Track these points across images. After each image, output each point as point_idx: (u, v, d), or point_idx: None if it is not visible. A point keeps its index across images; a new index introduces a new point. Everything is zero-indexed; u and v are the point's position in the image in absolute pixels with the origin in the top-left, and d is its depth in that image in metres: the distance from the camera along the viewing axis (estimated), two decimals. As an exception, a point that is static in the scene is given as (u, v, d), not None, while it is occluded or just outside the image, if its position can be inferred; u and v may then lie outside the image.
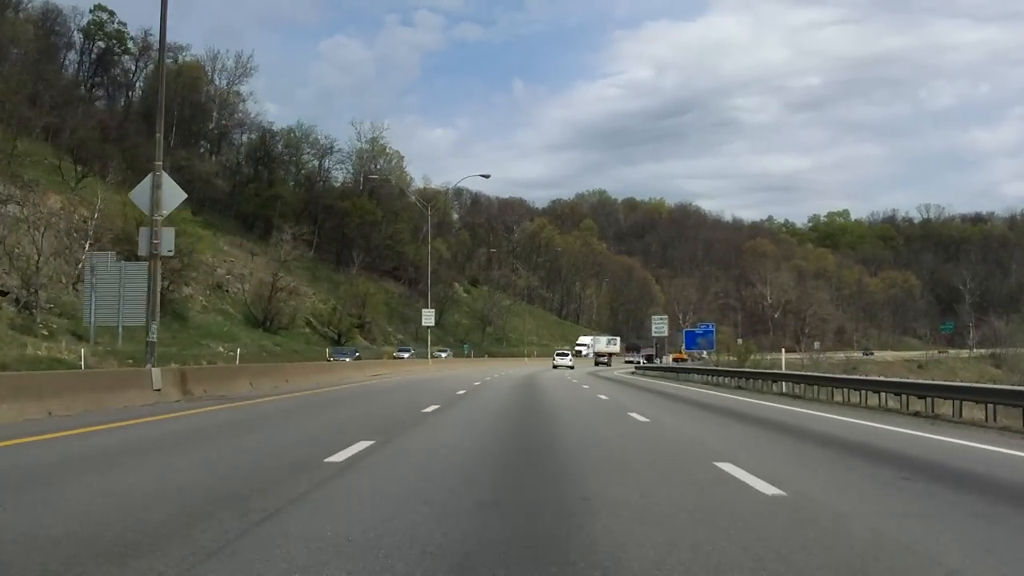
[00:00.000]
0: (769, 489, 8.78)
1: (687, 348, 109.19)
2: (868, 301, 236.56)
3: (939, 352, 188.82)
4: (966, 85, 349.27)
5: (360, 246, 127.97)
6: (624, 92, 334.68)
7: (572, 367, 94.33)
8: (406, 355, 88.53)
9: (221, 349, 66.39)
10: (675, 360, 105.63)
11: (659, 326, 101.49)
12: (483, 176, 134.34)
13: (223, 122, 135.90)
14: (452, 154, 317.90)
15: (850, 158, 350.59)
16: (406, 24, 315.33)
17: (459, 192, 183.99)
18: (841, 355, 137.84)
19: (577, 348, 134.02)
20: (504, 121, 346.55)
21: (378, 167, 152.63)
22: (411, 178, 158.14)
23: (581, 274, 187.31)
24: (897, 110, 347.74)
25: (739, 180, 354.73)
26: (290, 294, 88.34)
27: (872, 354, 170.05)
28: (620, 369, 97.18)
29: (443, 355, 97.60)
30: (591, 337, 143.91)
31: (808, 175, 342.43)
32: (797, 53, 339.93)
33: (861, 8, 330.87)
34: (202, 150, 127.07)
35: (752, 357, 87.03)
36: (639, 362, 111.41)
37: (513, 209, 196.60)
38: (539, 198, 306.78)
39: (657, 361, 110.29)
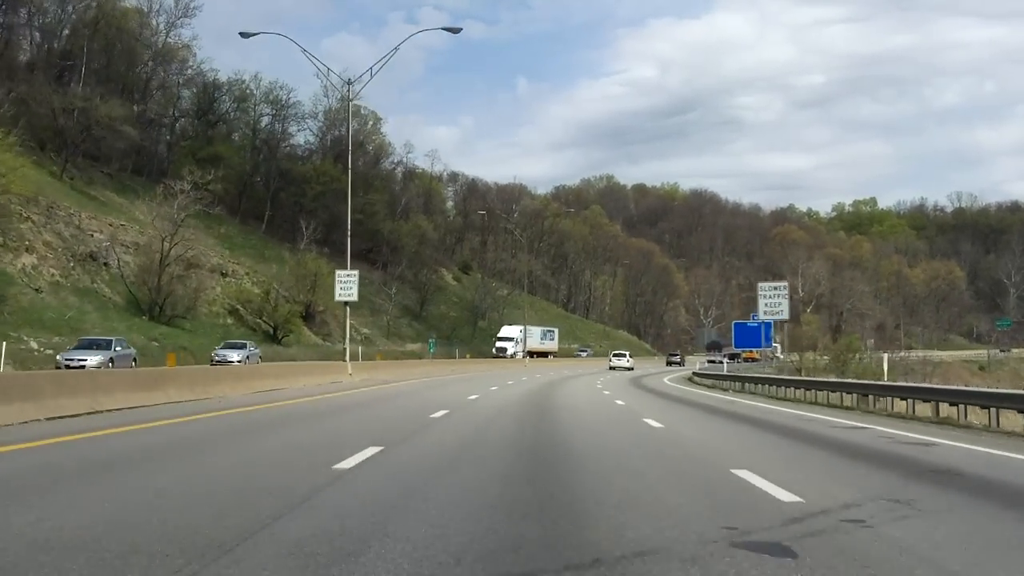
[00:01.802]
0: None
1: (737, 345, 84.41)
2: (908, 294, 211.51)
3: (1001, 351, 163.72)
4: (972, 84, 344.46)
5: (322, 220, 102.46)
6: (628, 90, 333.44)
7: (631, 368, 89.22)
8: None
9: (35, 344, 41.35)
10: (746, 359, 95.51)
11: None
12: (451, 30, 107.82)
13: (158, 69, 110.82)
14: (456, 152, 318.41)
15: (854, 157, 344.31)
16: (410, 22, 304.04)
17: (454, 176, 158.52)
18: (916, 354, 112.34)
19: (499, 345, 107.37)
20: (508, 119, 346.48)
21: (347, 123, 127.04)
22: (391, 145, 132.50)
23: (591, 261, 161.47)
24: (902, 108, 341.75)
25: (743, 179, 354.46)
26: (189, 268, 62.63)
27: (1009, 351, 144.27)
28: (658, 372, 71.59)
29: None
30: (517, 328, 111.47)
31: (812, 174, 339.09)
32: (802, 51, 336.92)
33: (867, 6, 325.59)
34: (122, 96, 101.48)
35: (860, 360, 61.51)
36: (722, 361, 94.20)
37: (513, 194, 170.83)
38: (542, 188, 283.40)
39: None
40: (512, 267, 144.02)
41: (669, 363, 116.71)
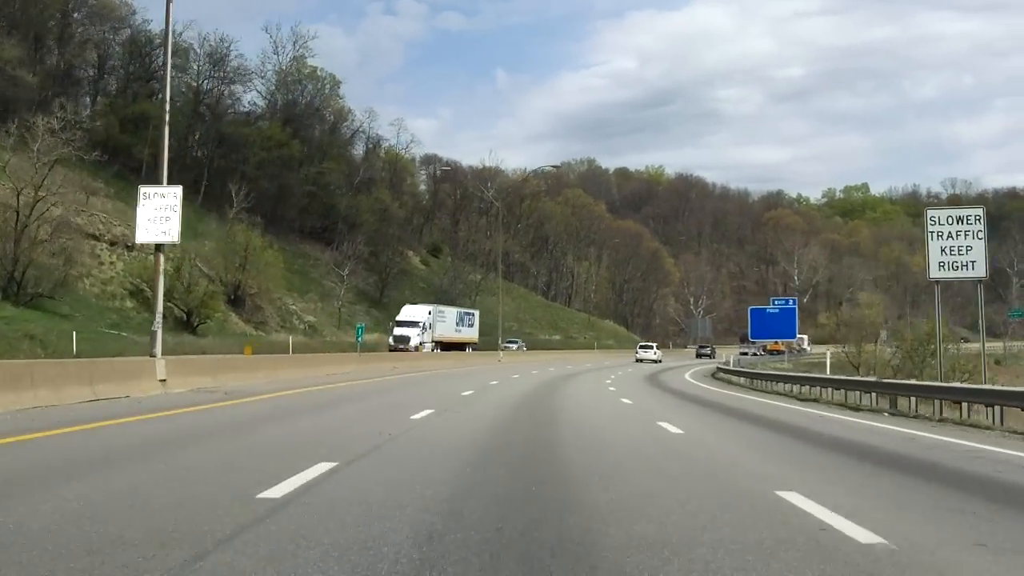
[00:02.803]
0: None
1: (754, 337, 71.12)
2: (910, 283, 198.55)
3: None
4: (950, 76, 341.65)
5: (264, 190, 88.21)
6: (607, 82, 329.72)
7: (659, 360, 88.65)
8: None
9: None
10: (770, 351, 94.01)
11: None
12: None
13: (90, 28, 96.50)
14: (435, 145, 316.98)
15: (832, 150, 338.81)
16: (389, 13, 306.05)
17: (428, 161, 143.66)
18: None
19: (398, 333, 78.67)
20: (487, 111, 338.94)
21: (304, 93, 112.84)
22: (350, 111, 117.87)
23: (573, 243, 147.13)
24: (880, 101, 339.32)
25: (722, 172, 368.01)
26: (57, 231, 48.00)
27: None
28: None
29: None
30: (424, 309, 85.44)
31: (790, 167, 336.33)
32: (781, 43, 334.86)
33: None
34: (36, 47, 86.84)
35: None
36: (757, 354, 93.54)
37: (489, 174, 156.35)
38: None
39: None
40: (487, 249, 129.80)
41: (699, 355, 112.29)
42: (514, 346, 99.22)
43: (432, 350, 78.80)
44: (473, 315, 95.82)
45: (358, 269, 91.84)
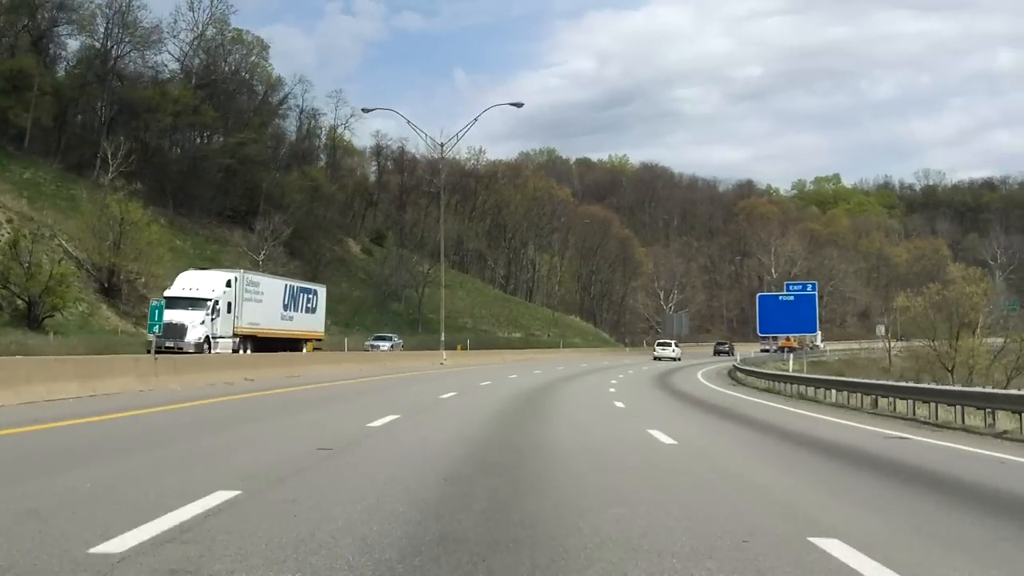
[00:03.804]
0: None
1: (763, 331, 58.01)
2: (891, 275, 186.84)
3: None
4: (907, 75, 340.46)
5: (172, 166, 73.60)
6: (566, 82, 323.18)
7: (678, 358, 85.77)
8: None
9: None
10: (783, 348, 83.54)
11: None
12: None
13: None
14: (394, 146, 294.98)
15: (789, 149, 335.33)
16: (347, 13, 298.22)
17: (378, 149, 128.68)
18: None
19: (170, 318, 40.55)
20: (445, 111, 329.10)
21: (228, 59, 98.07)
22: (280, 79, 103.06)
23: (534, 231, 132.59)
24: (838, 101, 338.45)
25: (684, 171, 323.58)
26: None
27: None
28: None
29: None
30: (227, 275, 51.66)
31: (749, 166, 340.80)
32: (739, 43, 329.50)
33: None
34: None
35: None
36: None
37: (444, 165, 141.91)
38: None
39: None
40: (437, 238, 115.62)
41: (717, 352, 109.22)
42: (385, 344, 68.21)
43: (237, 349, 48.90)
44: (314, 294, 60.76)
45: (277, 254, 77.18)
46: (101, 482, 8.83)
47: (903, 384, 27.00)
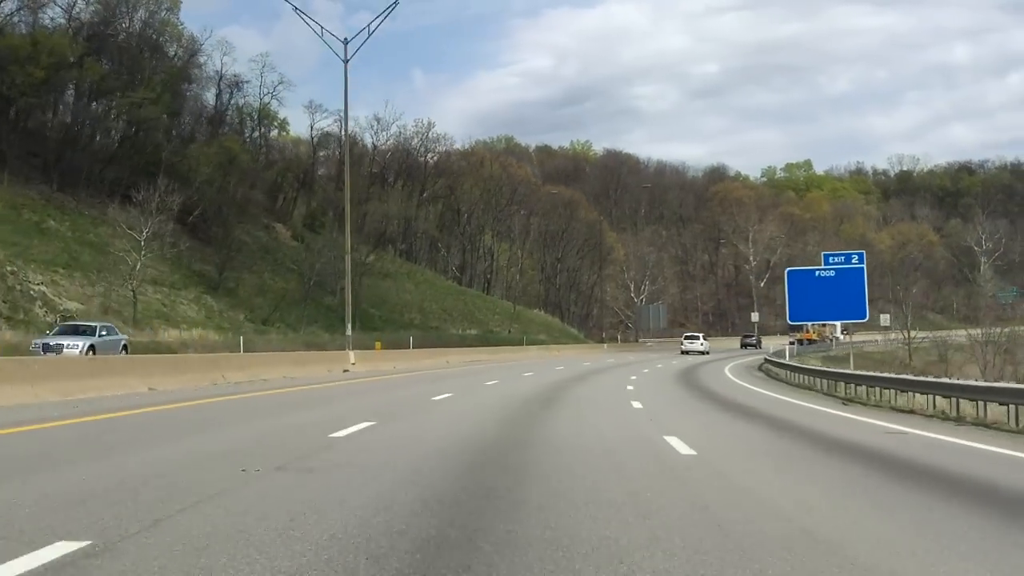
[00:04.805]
0: None
1: (794, 318, 44.52)
2: (877, 263, 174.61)
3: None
4: (863, 70, 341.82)
5: (40, 128, 58.90)
6: (524, 81, 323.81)
7: (706, 352, 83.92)
8: None
9: None
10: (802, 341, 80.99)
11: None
12: None
13: None
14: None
15: (748, 145, 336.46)
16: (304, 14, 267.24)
17: (325, 138, 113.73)
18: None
19: None
20: (404, 111, 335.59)
21: (133, 16, 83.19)
22: (194, 38, 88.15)
23: (493, 214, 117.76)
24: (795, 96, 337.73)
25: (649, 156, 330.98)
26: None
27: None
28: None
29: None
30: None
31: (706, 162, 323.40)
32: (696, 40, 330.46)
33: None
34: None
35: None
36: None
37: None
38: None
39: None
40: (382, 226, 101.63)
41: (744, 345, 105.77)
42: (74, 345, 35.39)
43: None
44: None
45: (166, 233, 62.47)
46: None
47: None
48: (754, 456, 12.41)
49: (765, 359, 54.85)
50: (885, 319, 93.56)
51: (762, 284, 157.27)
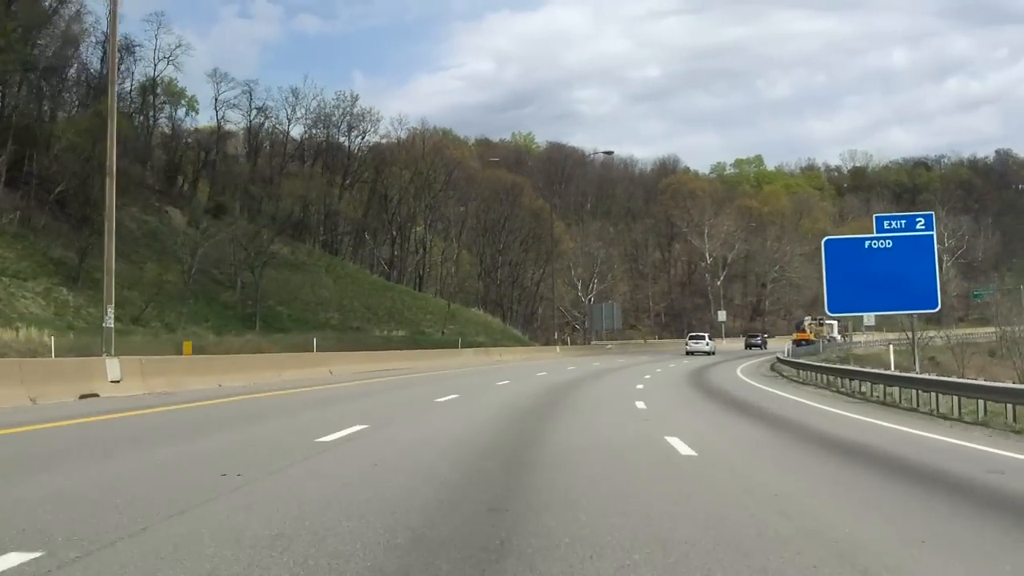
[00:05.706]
0: None
1: (833, 309, 31.76)
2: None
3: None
4: (803, 75, 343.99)
5: None
6: (465, 84, 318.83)
7: (712, 352, 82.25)
8: None
9: None
10: (799, 342, 75.50)
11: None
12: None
13: None
14: None
15: (690, 149, 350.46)
16: (243, 16, 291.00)
17: (252, 132, 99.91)
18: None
19: None
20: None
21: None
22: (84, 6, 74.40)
23: (425, 203, 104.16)
24: (736, 101, 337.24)
25: (595, 147, 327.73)
26: None
27: None
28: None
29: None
30: None
31: (654, 157, 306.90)
32: (637, 44, 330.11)
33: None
34: None
35: None
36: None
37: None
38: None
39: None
40: (295, 212, 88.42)
41: (749, 346, 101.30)
42: None
43: None
44: None
45: (44, 218, 49.14)
46: None
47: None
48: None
49: (777, 358, 52.51)
50: (869, 319, 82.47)
51: (719, 282, 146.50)
